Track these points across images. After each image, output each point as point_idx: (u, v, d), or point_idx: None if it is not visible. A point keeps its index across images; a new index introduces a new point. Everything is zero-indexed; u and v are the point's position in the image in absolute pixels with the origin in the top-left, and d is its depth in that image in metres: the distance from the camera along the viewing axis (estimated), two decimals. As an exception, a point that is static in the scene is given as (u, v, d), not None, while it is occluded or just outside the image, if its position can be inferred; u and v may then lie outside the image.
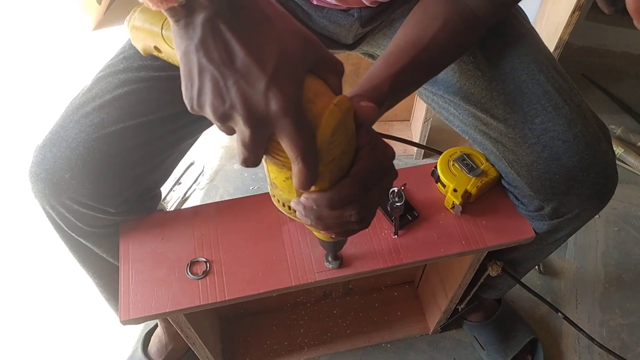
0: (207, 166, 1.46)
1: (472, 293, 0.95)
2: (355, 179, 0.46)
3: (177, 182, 1.39)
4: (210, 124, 0.74)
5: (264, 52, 0.38)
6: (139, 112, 0.68)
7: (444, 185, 0.75)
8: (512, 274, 0.87)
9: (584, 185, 0.66)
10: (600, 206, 0.71)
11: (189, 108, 0.41)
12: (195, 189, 1.40)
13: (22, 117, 1.60)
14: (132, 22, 0.50)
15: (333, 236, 0.56)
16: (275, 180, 0.49)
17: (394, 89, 0.57)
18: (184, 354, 1.09)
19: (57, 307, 1.22)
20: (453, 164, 0.75)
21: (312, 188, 0.45)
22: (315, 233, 0.60)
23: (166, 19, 0.47)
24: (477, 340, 1.13)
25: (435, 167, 0.76)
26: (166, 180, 0.80)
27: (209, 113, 0.40)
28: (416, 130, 1.41)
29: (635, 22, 0.36)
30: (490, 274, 0.83)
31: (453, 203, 0.73)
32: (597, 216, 1.36)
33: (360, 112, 0.46)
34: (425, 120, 1.32)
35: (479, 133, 0.73)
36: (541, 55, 0.69)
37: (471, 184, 0.73)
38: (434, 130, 1.42)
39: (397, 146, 1.41)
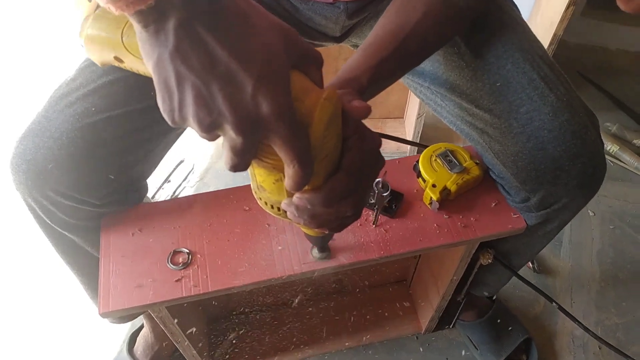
0: (197, 164, 1.44)
1: (467, 284, 0.93)
2: (347, 173, 0.44)
3: (167, 180, 1.37)
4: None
5: (247, 52, 0.35)
6: (124, 101, 0.66)
7: (424, 181, 0.73)
8: (504, 263, 0.85)
9: (571, 175, 0.65)
10: (588, 196, 0.69)
11: (169, 122, 0.38)
12: (185, 187, 1.38)
13: (3, 110, 1.58)
14: (85, 32, 0.45)
15: (326, 232, 0.54)
16: (264, 183, 0.46)
17: (374, 80, 0.55)
18: (170, 356, 1.07)
19: (40, 306, 1.20)
20: (435, 160, 0.74)
21: (305, 187, 0.43)
22: (303, 229, 0.58)
23: (126, 24, 0.44)
24: (470, 339, 1.12)
25: (417, 161, 0.75)
26: (152, 171, 0.78)
27: (193, 125, 0.37)
28: (409, 127, 1.40)
29: (618, 2, 0.35)
30: (482, 262, 0.82)
31: (431, 199, 0.72)
32: (592, 214, 1.35)
33: (354, 112, 0.45)
34: (419, 116, 1.31)
35: (466, 124, 0.72)
36: (527, 44, 0.68)
37: (451, 180, 0.71)
38: (428, 128, 1.41)
39: (390, 143, 1.40)
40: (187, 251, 0.69)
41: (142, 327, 1.10)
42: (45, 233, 0.75)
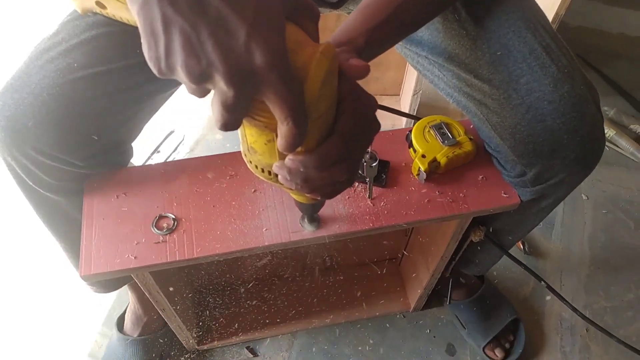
0: (188, 135, 1.42)
1: (455, 261, 0.91)
2: (342, 136, 0.42)
3: (156, 151, 1.35)
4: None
5: None
6: (108, 57, 0.64)
7: (415, 151, 0.72)
8: (495, 241, 0.84)
9: (569, 148, 0.63)
10: (585, 172, 0.68)
11: (155, 71, 0.35)
12: (174, 158, 1.36)
13: None
14: None
15: (318, 198, 0.52)
16: (255, 144, 0.44)
17: (370, 43, 0.53)
18: (161, 328, 1.05)
19: (32, 293, 1.16)
20: (429, 131, 0.72)
21: (298, 148, 0.41)
22: (294, 196, 0.56)
23: None
24: (458, 318, 1.11)
25: (410, 131, 0.73)
26: (137, 135, 0.76)
27: (181, 75, 0.34)
28: (405, 104, 1.38)
29: None
30: (473, 239, 0.81)
31: (419, 169, 0.70)
32: (585, 198, 1.34)
33: (351, 71, 0.42)
34: (415, 93, 1.29)
35: (463, 95, 0.70)
36: (529, 13, 0.66)
37: (442, 153, 0.70)
38: (423, 106, 1.39)
39: (385, 120, 1.38)
40: (173, 216, 0.67)
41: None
42: (25, 195, 0.73)
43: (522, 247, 1.23)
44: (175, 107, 0.75)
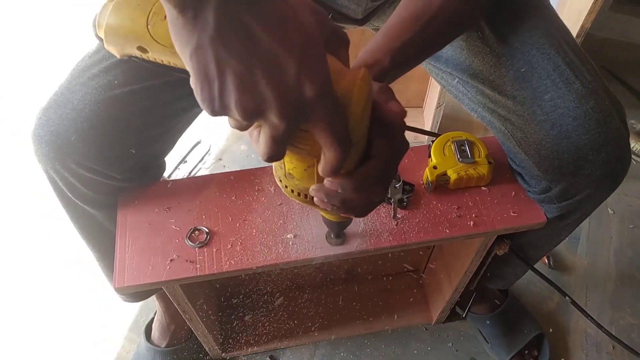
0: (214, 146, 1.44)
1: (479, 275, 0.91)
2: (379, 158, 0.43)
3: (183, 161, 1.38)
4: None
5: (286, 32, 0.34)
6: (145, 75, 0.66)
7: (431, 161, 0.73)
8: (520, 255, 0.84)
9: (594, 165, 0.63)
10: (611, 188, 0.67)
11: (208, 112, 0.36)
12: (200, 168, 1.38)
13: (24, 80, 1.59)
14: (107, 21, 0.43)
15: (352, 217, 0.53)
16: (293, 170, 0.45)
17: (396, 63, 0.54)
18: (187, 338, 1.07)
19: (60, 297, 1.19)
20: (450, 145, 0.73)
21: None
22: (325, 215, 0.58)
23: (151, 10, 0.42)
24: (481, 332, 1.11)
25: (433, 141, 0.74)
26: (171, 149, 0.78)
27: (235, 113, 0.35)
28: (428, 116, 1.38)
29: None
30: (497, 252, 0.80)
31: (427, 179, 0.71)
32: (611, 212, 1.32)
33: (391, 117, 0.43)
34: (438, 105, 1.29)
35: (488, 111, 0.71)
36: (552, 29, 0.66)
37: (454, 169, 0.70)
38: (446, 118, 1.39)
39: (407, 133, 1.38)
40: (206, 230, 0.69)
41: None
42: (64, 206, 0.76)
43: (546, 261, 1.22)
44: (202, 119, 0.78)
